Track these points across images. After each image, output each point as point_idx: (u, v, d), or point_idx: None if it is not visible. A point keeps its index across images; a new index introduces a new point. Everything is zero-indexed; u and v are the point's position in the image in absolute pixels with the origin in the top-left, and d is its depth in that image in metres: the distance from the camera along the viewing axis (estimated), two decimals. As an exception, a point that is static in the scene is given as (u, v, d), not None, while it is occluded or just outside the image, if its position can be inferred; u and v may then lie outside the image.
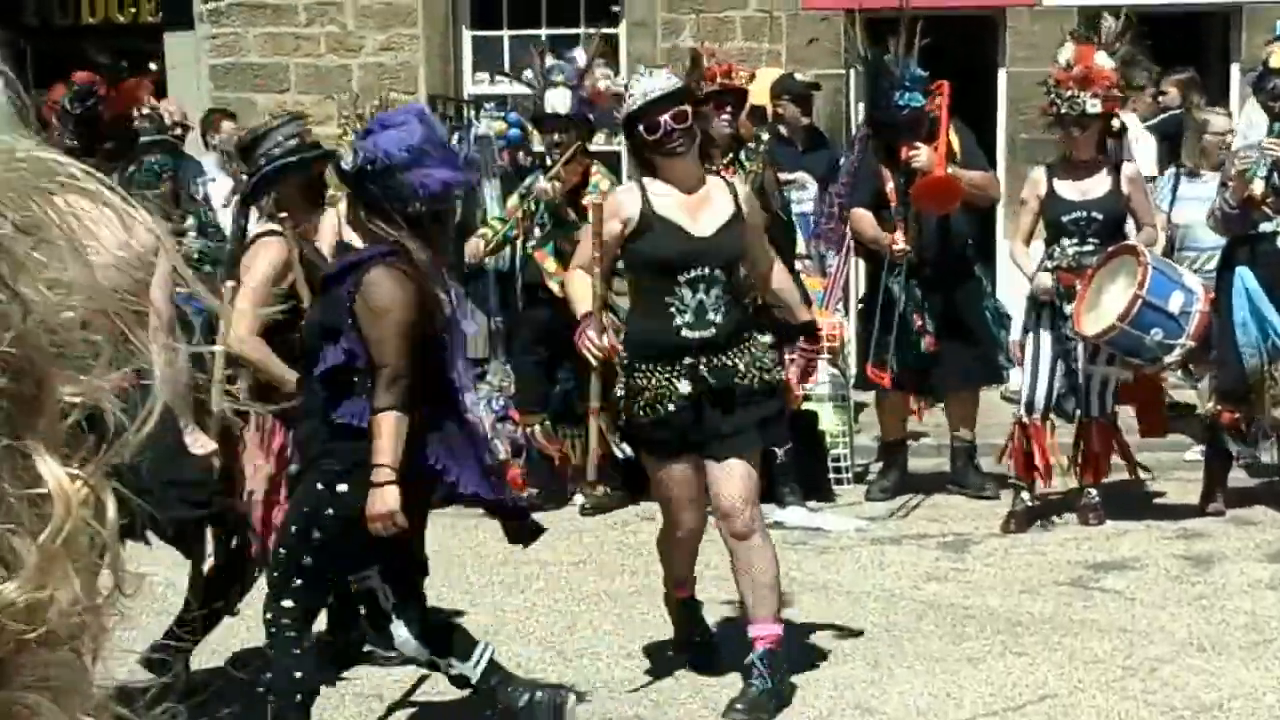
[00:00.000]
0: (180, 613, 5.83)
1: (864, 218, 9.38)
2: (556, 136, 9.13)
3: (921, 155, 9.05)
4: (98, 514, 0.80)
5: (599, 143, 10.42)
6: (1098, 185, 8.85)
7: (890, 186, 9.27)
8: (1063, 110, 8.84)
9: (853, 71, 12.60)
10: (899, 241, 9.11)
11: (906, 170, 9.14)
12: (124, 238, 0.83)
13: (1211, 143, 9.93)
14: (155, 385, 0.82)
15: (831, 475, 9.79)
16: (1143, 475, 9.17)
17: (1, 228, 0.75)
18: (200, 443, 5.73)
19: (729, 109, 9.08)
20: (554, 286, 8.70)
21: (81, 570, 0.79)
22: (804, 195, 11.08)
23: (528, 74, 9.91)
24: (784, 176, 10.12)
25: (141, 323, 0.82)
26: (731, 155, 8.98)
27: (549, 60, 9.31)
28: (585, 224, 8.71)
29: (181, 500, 5.51)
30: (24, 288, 0.75)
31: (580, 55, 9.36)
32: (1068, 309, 8.59)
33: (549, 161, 9.27)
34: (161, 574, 5.71)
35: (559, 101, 8.95)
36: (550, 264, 9.22)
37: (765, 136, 9.82)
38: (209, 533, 6.08)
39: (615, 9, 13.16)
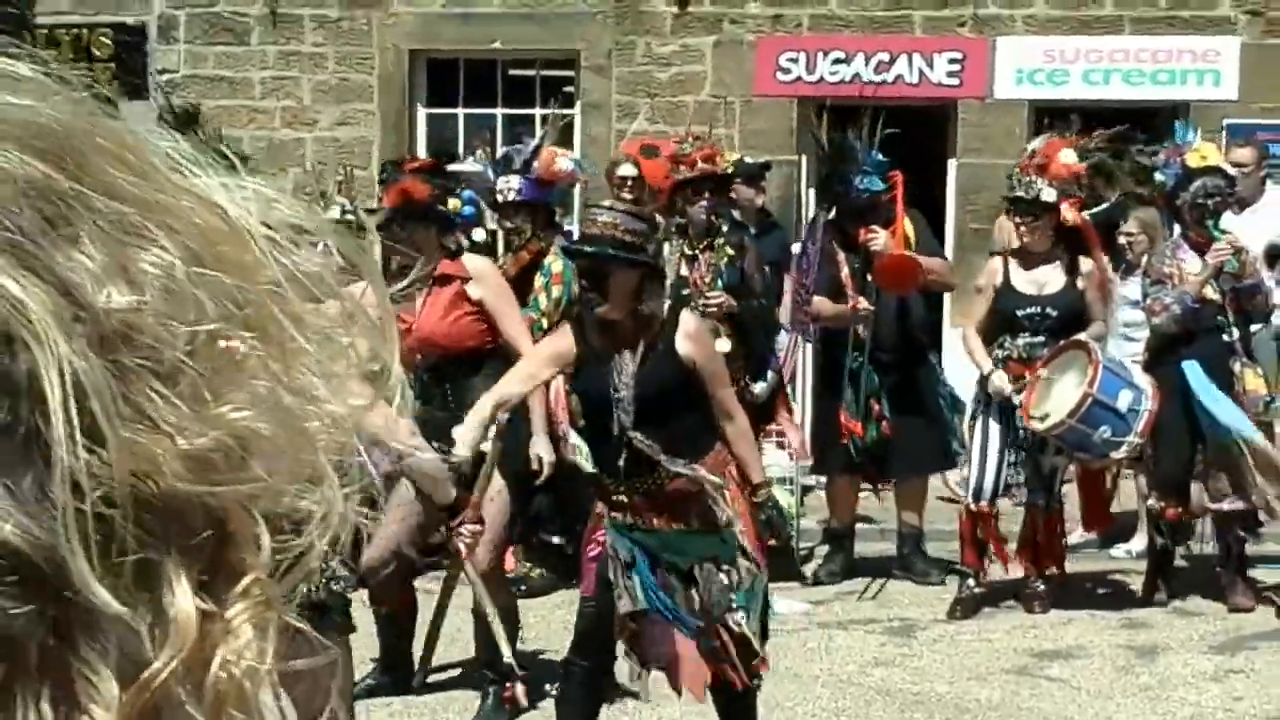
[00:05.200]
0: None
1: (824, 304, 9.45)
2: (509, 221, 9.13)
3: (879, 239, 9.17)
4: (256, 650, 0.71)
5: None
6: (1054, 280, 8.96)
7: (846, 272, 9.36)
8: (1018, 193, 8.97)
9: (804, 157, 12.78)
10: (861, 301, 9.19)
11: (864, 254, 9.25)
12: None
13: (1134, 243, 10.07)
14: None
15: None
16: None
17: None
18: None
19: (709, 195, 9.13)
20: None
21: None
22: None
23: (480, 154, 9.95)
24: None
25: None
26: (708, 240, 9.06)
27: (502, 147, 9.35)
28: (531, 310, 8.76)
29: None
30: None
31: (531, 141, 9.39)
32: (1017, 400, 8.68)
33: (506, 243, 9.31)
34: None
35: (510, 188, 8.95)
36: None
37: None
38: None
39: (569, 90, 13.26)
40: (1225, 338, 8.85)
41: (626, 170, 9.42)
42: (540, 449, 7.30)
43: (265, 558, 0.72)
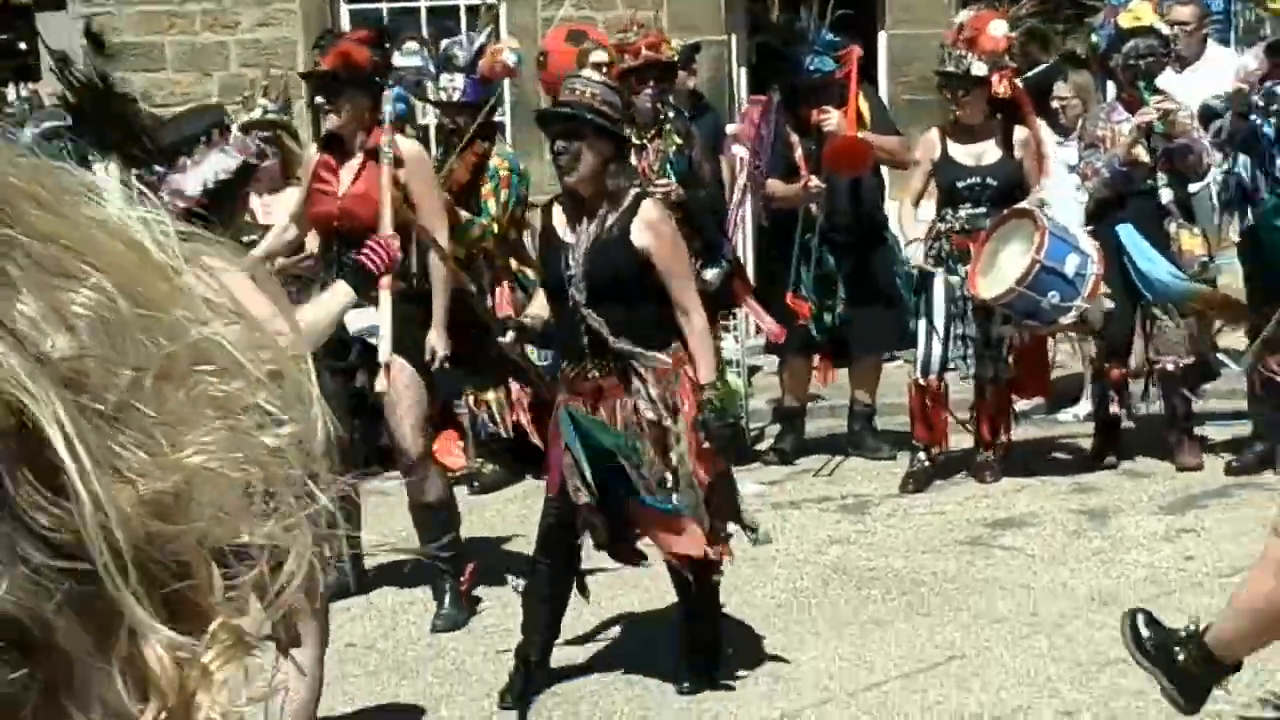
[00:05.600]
0: None
1: (777, 185, 9.39)
2: (451, 122, 8.98)
3: (832, 119, 9.10)
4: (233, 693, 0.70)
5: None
6: (990, 151, 8.95)
7: (799, 154, 9.30)
8: (948, 68, 8.93)
9: (734, 36, 12.67)
10: (813, 180, 9.13)
11: (817, 135, 9.18)
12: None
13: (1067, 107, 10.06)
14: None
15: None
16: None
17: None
18: None
19: (654, 83, 9.05)
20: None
21: None
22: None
23: (410, 45, 9.77)
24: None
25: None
26: (655, 129, 8.99)
27: (444, 43, 9.15)
28: (482, 217, 8.68)
29: None
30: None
31: (472, 36, 9.21)
32: (961, 271, 8.68)
33: (444, 141, 9.19)
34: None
35: (454, 87, 8.80)
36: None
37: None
38: None
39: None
40: (1159, 199, 8.85)
41: (599, 56, 9.19)
42: (434, 341, 7.16)
43: (220, 597, 0.70)
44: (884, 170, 10.05)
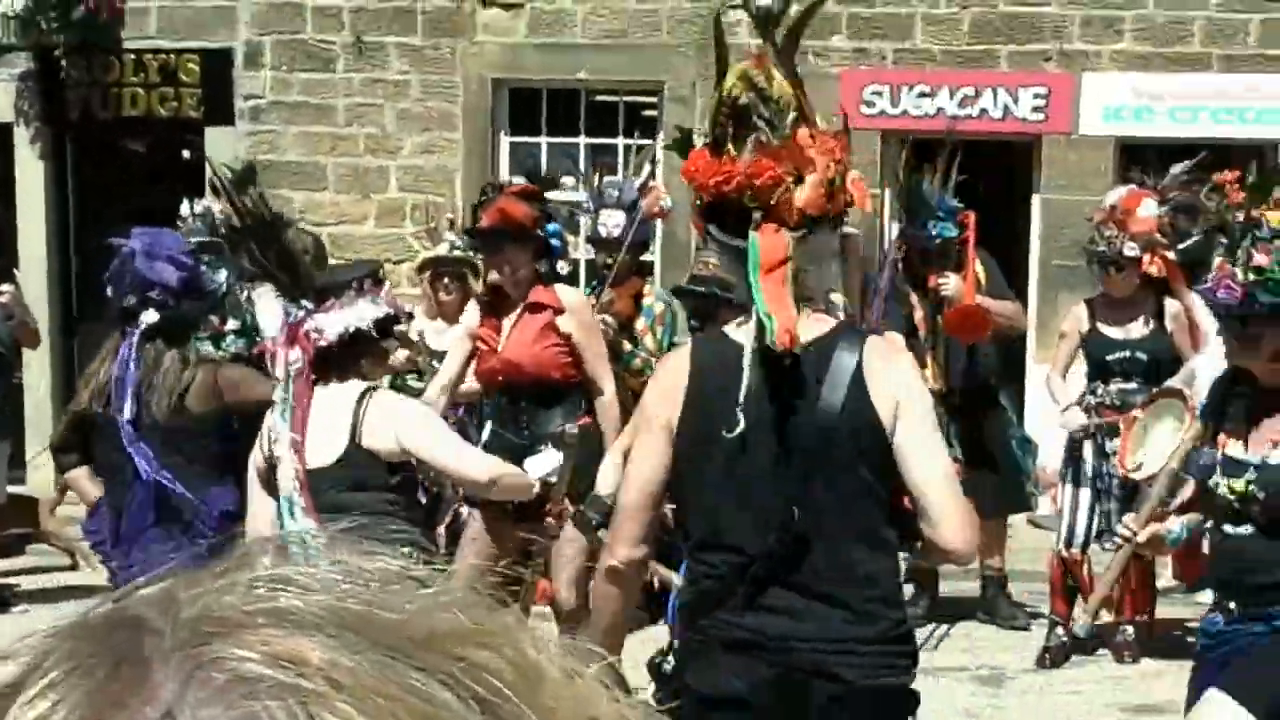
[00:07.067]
0: None
1: None
2: (609, 259, 9.10)
3: (950, 284, 9.14)
4: None
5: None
6: (1140, 324, 8.91)
7: (919, 314, 9.33)
8: (1100, 248, 8.92)
9: (886, 189, 12.74)
10: (930, 380, 9.13)
11: (935, 299, 9.21)
12: None
13: None
14: None
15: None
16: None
17: None
18: None
19: None
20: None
21: None
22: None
23: (568, 180, 9.93)
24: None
25: None
26: None
27: (605, 180, 9.32)
28: (639, 351, 8.75)
29: None
30: None
31: (633, 177, 9.37)
32: (1110, 446, 8.62)
33: (597, 276, 9.30)
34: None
35: (613, 224, 8.94)
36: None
37: None
38: None
39: (651, 115, 13.26)
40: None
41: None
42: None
43: None
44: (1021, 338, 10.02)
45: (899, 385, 3.93)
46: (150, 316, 6.28)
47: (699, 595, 4.06)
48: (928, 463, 3.91)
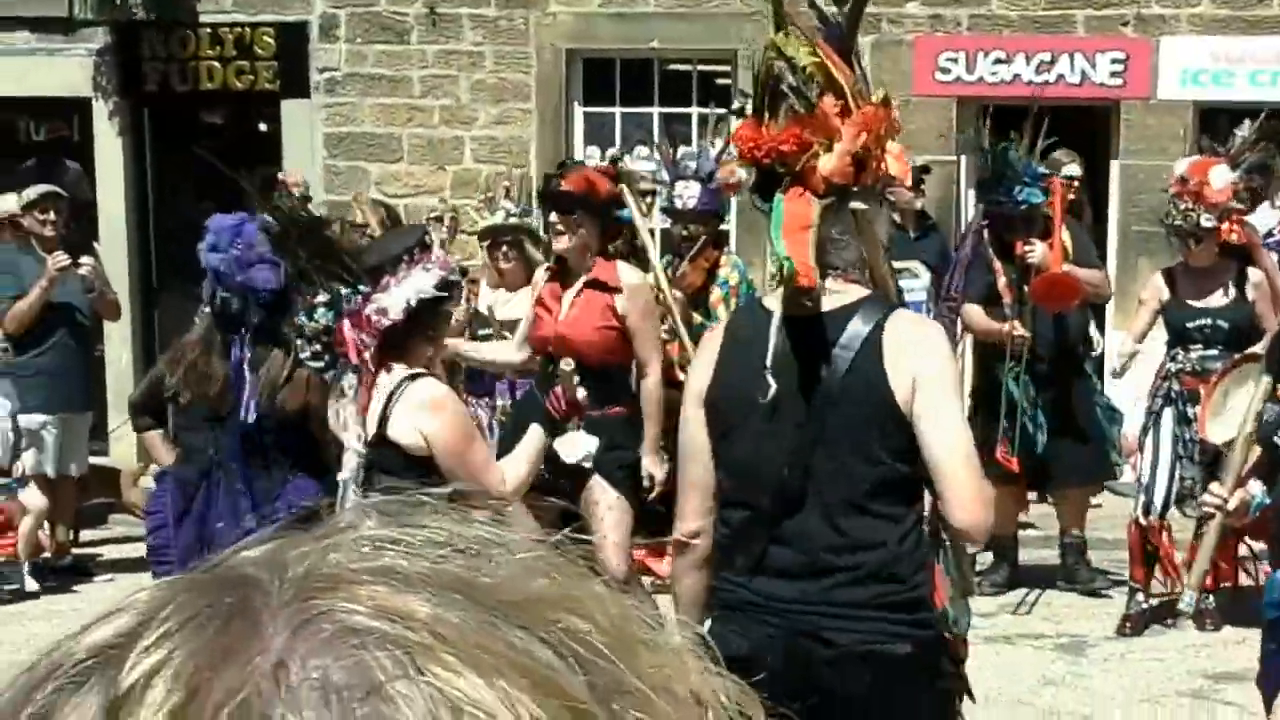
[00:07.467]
0: None
1: (975, 312, 9.37)
2: (685, 230, 9.10)
3: (1037, 252, 9.08)
4: None
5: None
6: (1220, 293, 8.84)
7: (1004, 281, 9.27)
8: (1177, 222, 8.85)
9: (963, 159, 12.66)
10: (1018, 327, 9.10)
11: (1021, 266, 9.16)
12: None
13: None
14: None
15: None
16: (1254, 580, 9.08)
17: None
18: None
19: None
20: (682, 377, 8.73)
21: None
22: (915, 284, 11.03)
23: (642, 150, 9.91)
24: (896, 265, 10.09)
25: None
26: None
27: (682, 150, 9.31)
28: (713, 321, 8.76)
29: None
30: None
31: (705, 147, 9.36)
32: (1191, 413, 8.56)
33: (674, 249, 9.30)
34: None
35: (689, 195, 8.95)
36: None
37: None
38: None
39: (724, 84, 13.23)
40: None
41: None
42: (649, 466, 7.35)
43: None
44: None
45: (920, 359, 3.93)
46: (257, 317, 6.43)
47: (719, 553, 4.13)
48: (943, 439, 3.90)
